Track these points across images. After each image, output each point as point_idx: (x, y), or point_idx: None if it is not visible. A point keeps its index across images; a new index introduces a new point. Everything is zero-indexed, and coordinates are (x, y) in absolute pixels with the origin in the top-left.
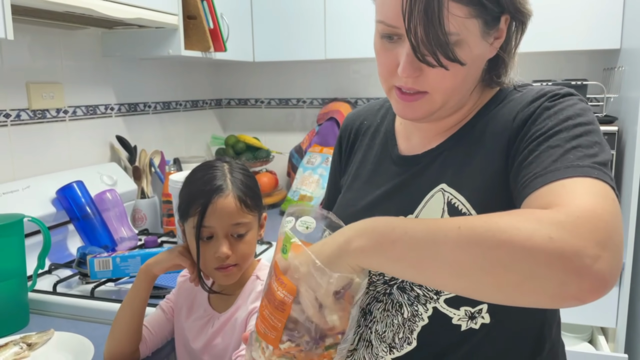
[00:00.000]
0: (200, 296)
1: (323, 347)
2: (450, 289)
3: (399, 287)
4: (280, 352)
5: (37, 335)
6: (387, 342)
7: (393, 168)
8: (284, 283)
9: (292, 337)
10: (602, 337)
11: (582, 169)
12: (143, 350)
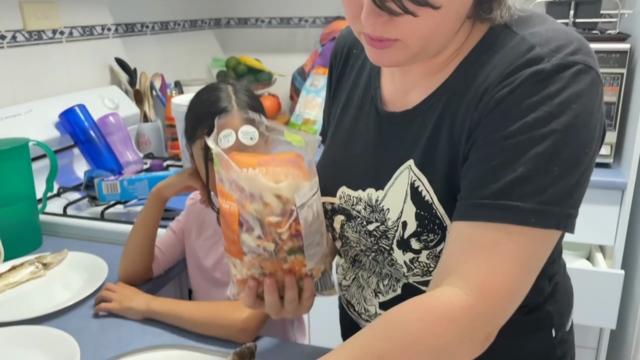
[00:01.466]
0: (209, 217)
1: (284, 252)
2: None
3: (374, 259)
4: (248, 265)
5: (51, 256)
6: (372, 288)
7: (373, 121)
8: (224, 195)
9: (251, 249)
10: (600, 254)
11: (519, 215)
12: (156, 269)
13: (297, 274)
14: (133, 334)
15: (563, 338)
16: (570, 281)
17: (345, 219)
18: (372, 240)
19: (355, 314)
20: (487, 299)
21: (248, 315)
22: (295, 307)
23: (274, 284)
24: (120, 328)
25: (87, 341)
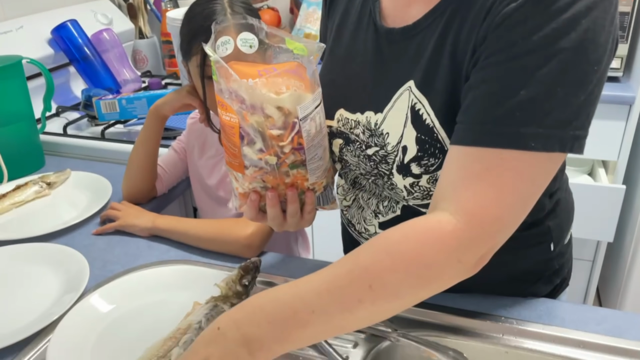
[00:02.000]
0: (211, 136)
1: (286, 166)
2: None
3: (374, 182)
4: (249, 178)
5: (54, 175)
6: (372, 209)
7: (371, 38)
8: (224, 106)
9: (253, 163)
10: (602, 169)
11: (519, 140)
12: (159, 188)
13: (299, 187)
14: (140, 250)
15: (561, 251)
16: (571, 196)
17: (343, 142)
18: (372, 165)
19: (355, 233)
20: (478, 226)
21: (252, 231)
22: (297, 220)
23: (276, 197)
24: (127, 245)
25: (95, 257)
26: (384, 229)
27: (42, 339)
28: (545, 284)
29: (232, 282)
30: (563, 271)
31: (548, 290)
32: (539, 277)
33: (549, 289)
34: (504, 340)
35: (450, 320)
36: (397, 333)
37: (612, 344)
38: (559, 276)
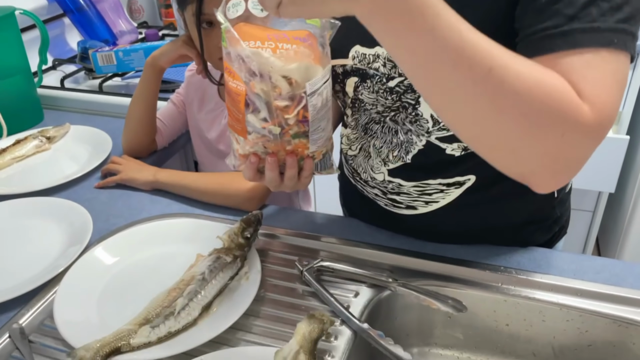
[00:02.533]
0: (210, 89)
1: (289, 136)
2: (434, 104)
3: (392, 119)
4: (251, 143)
5: (54, 129)
6: (382, 157)
7: None
8: (231, 73)
9: (255, 130)
10: None
11: (603, 34)
12: (159, 142)
13: (299, 154)
14: (142, 204)
15: (563, 199)
16: None
17: (359, 80)
18: (394, 98)
19: (360, 182)
20: (601, 115)
21: (253, 184)
22: (294, 183)
23: (275, 162)
24: (129, 199)
25: (98, 211)
26: (394, 176)
27: (48, 291)
28: (544, 231)
29: (234, 234)
30: (562, 220)
31: (547, 238)
32: (539, 224)
33: (547, 236)
34: (503, 289)
35: (450, 270)
36: (398, 283)
37: (610, 292)
38: (558, 224)
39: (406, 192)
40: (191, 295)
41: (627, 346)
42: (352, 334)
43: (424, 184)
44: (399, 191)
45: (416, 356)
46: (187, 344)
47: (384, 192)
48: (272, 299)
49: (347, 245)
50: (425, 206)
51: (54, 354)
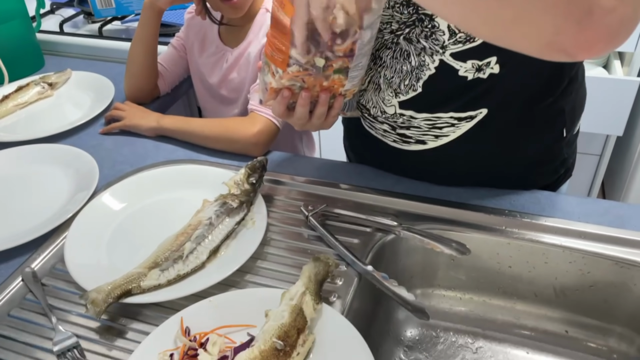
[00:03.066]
0: (210, 32)
1: (332, 71)
2: (439, 11)
3: (405, 38)
4: (289, 76)
5: (55, 75)
6: (393, 88)
7: None
8: (282, 3)
9: (298, 62)
10: (618, 61)
11: None
12: (162, 87)
13: (333, 92)
14: (147, 151)
15: (570, 140)
16: (585, 87)
17: None
18: (410, 11)
19: (369, 120)
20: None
21: (259, 129)
22: (321, 122)
23: (309, 97)
24: (134, 145)
25: (103, 157)
26: (405, 108)
27: (58, 236)
28: (550, 173)
29: (239, 180)
30: (568, 162)
31: (552, 179)
32: (546, 165)
33: (552, 178)
34: (507, 232)
35: (454, 214)
36: (402, 227)
37: (613, 234)
38: (564, 166)
39: (416, 125)
40: (199, 240)
41: (628, 287)
42: (356, 276)
43: (436, 117)
44: (409, 125)
45: (419, 297)
46: (196, 286)
47: (393, 127)
48: (278, 243)
49: (352, 191)
50: (434, 140)
51: (67, 297)
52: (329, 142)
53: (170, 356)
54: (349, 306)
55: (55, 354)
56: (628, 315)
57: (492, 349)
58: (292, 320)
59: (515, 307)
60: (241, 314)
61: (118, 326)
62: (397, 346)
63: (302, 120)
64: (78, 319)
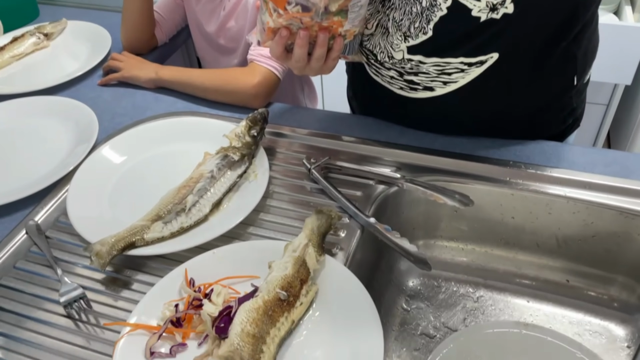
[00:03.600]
0: None
1: (333, 14)
2: None
3: None
4: (288, 16)
5: (50, 25)
6: (403, 31)
7: None
8: None
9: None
10: (629, 7)
11: None
12: (159, 36)
13: (332, 32)
14: (147, 102)
15: (580, 89)
16: (598, 34)
17: None
18: None
19: (375, 66)
20: None
21: (259, 80)
22: (320, 65)
23: (307, 36)
24: (133, 97)
25: (102, 109)
26: (413, 53)
27: (60, 189)
28: (558, 123)
29: (241, 133)
30: (577, 112)
31: (559, 130)
32: (554, 114)
33: (560, 128)
34: (511, 183)
35: (458, 165)
36: (405, 179)
37: (619, 184)
38: (573, 116)
39: (425, 71)
40: (201, 193)
41: (631, 236)
42: (359, 228)
43: (445, 62)
44: (417, 71)
45: (422, 248)
46: (200, 239)
47: (400, 73)
48: (280, 195)
49: (355, 143)
50: (443, 87)
51: (72, 249)
52: (331, 94)
53: (175, 306)
54: (351, 257)
55: (62, 304)
56: (630, 264)
57: (493, 298)
58: (295, 271)
59: (517, 257)
60: (244, 265)
61: (123, 277)
62: (399, 295)
63: (301, 63)
64: (83, 271)
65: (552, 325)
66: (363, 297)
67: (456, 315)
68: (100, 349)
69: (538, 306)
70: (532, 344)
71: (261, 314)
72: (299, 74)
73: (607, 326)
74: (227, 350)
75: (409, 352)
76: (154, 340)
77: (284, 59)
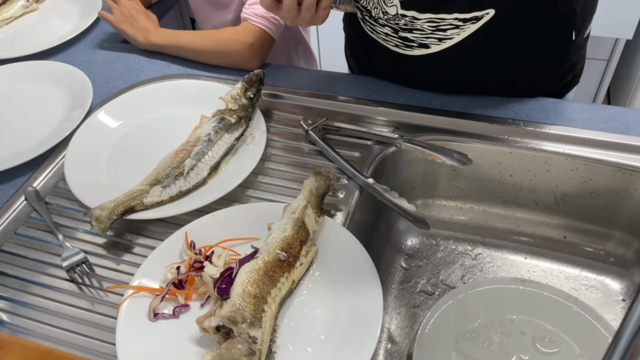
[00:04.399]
0: None
1: None
2: None
3: None
4: None
5: None
6: None
7: None
8: None
9: None
10: None
11: None
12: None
13: None
14: (141, 66)
15: (579, 45)
16: None
17: None
18: None
19: (370, 23)
20: None
21: (252, 41)
22: (311, 15)
23: None
24: (127, 60)
25: (96, 73)
26: (406, 8)
27: (57, 155)
28: (557, 80)
29: (237, 95)
30: (576, 68)
31: (558, 87)
32: (553, 71)
33: (559, 85)
34: (509, 141)
35: (456, 124)
36: (403, 139)
37: (618, 140)
38: (572, 72)
39: (419, 27)
40: (199, 156)
41: (629, 192)
42: (357, 189)
43: (439, 18)
44: (411, 27)
45: (420, 207)
46: (199, 202)
47: (395, 29)
48: (278, 158)
49: (352, 103)
50: (438, 44)
51: (72, 214)
52: (328, 54)
53: (177, 269)
54: (350, 218)
55: (65, 269)
56: (627, 220)
57: (491, 255)
58: (295, 232)
59: (515, 215)
60: (244, 228)
61: (124, 241)
62: (398, 254)
63: (291, 13)
64: (84, 236)
65: (549, 281)
66: (362, 257)
67: (454, 272)
68: (105, 311)
69: (535, 262)
70: (529, 300)
71: (262, 274)
72: (291, 25)
73: (603, 281)
74: (230, 310)
75: (408, 309)
76: (157, 302)
77: (274, 9)
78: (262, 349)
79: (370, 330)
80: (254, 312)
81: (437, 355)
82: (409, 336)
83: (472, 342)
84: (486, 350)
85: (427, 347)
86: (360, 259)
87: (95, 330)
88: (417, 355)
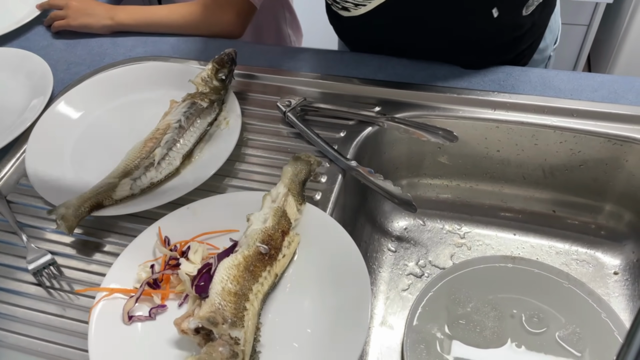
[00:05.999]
0: None
1: None
2: None
3: None
4: None
5: None
6: None
7: None
8: None
9: None
10: None
11: None
12: None
13: None
14: (104, 49)
15: (518, 23)
16: None
17: None
18: None
19: None
20: None
21: (236, 12)
22: None
23: None
24: (89, 44)
25: (56, 59)
26: None
27: (18, 149)
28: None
29: (207, 77)
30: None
31: (510, 57)
32: (482, 46)
33: (510, 56)
34: (496, 114)
35: (440, 99)
36: (386, 117)
37: (607, 110)
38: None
39: None
40: (169, 145)
41: (619, 163)
42: (340, 173)
43: None
44: None
45: (405, 188)
46: (173, 194)
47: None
48: (255, 143)
49: (331, 81)
50: (355, 8)
51: (36, 212)
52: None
53: (151, 267)
54: (334, 203)
55: (31, 272)
56: (618, 192)
57: (480, 233)
58: (276, 223)
59: (503, 191)
60: (222, 219)
61: (94, 240)
62: (385, 237)
63: None
64: (51, 236)
65: (539, 257)
66: (347, 244)
67: (443, 253)
68: (76, 315)
69: (525, 239)
70: (520, 277)
71: (242, 270)
72: None
73: (594, 254)
74: (208, 310)
75: (397, 293)
76: (131, 303)
77: None
78: (245, 350)
79: (359, 319)
80: (235, 311)
81: (428, 340)
82: (400, 321)
83: (464, 328)
84: (479, 335)
85: (419, 333)
86: (346, 246)
87: (66, 336)
88: (409, 342)
